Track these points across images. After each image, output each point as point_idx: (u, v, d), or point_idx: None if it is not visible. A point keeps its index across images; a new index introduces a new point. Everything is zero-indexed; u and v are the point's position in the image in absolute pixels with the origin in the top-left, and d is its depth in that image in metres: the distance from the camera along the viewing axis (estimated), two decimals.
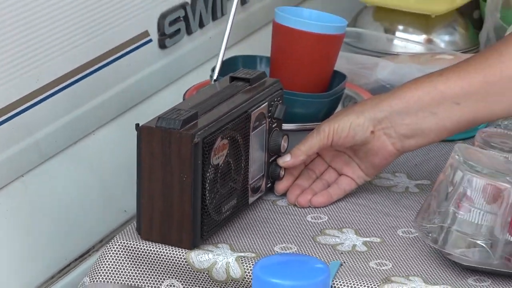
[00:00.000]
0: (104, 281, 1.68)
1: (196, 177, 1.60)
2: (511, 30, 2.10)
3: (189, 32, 2.15)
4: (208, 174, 1.62)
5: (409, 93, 1.80)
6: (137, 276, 1.68)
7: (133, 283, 1.68)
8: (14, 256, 1.75)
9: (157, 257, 1.67)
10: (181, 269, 1.66)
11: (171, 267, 1.67)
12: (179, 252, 1.65)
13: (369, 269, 1.62)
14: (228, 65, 1.92)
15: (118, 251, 1.68)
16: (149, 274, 1.68)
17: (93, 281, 1.68)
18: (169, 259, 1.66)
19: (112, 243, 1.69)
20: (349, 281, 1.58)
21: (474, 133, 1.79)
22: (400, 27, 2.34)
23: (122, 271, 1.68)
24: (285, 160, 1.80)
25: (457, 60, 2.03)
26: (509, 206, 1.60)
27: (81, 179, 1.88)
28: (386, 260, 1.65)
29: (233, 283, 1.63)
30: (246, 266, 1.62)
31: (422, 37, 2.32)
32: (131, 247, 1.67)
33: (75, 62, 1.88)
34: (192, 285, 1.66)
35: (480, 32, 2.31)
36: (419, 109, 1.79)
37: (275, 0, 2.34)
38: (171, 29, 2.11)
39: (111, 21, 1.97)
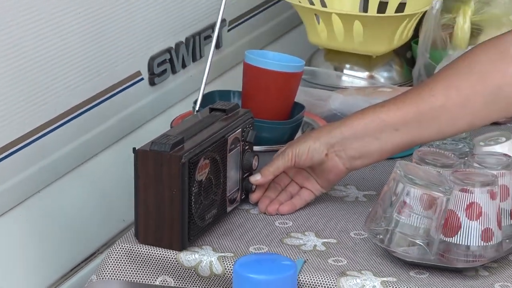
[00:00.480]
0: (108, 278, 1.69)
1: (183, 191, 1.61)
2: (439, 68, 2.11)
3: (173, 71, 2.15)
4: (193, 189, 1.63)
5: (357, 121, 1.82)
6: (135, 273, 1.69)
7: (132, 279, 1.70)
8: (33, 258, 1.76)
9: (152, 257, 1.68)
10: (172, 267, 1.67)
11: (164, 266, 1.68)
12: (170, 253, 1.67)
13: (327, 265, 1.63)
14: (207, 98, 1.93)
15: (120, 253, 1.69)
16: (145, 272, 1.69)
17: (100, 278, 1.69)
18: (162, 259, 1.67)
19: (114, 246, 1.71)
20: (312, 275, 1.60)
21: (412, 152, 1.79)
22: (347, 66, 2.36)
23: (123, 270, 1.69)
24: (256, 178, 1.82)
25: (395, 92, 2.06)
26: (442, 211, 1.62)
27: (87, 193, 1.89)
28: (341, 257, 1.66)
29: (216, 278, 1.64)
30: (226, 264, 1.63)
31: (366, 74, 2.34)
32: (130, 249, 1.69)
33: (83, 97, 1.89)
34: (182, 281, 1.68)
35: (413, 69, 2.33)
36: (365, 135, 1.80)
37: (244, 44, 2.34)
38: (159, 69, 2.11)
39: (110, 63, 1.97)
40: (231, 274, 1.54)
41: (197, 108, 1.87)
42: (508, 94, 1.80)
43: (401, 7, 2.39)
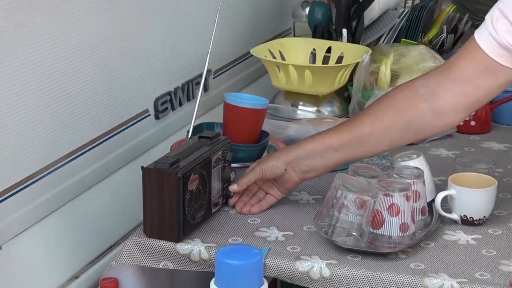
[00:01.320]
0: (124, 263, 1.70)
1: (179, 198, 1.63)
2: (368, 104, 2.12)
3: (173, 108, 2.15)
4: (186, 196, 1.65)
5: (307, 145, 1.83)
6: (144, 259, 1.70)
7: (142, 264, 1.70)
8: (69, 248, 1.76)
9: (156, 247, 1.69)
10: (171, 254, 1.68)
11: (165, 253, 1.69)
12: (169, 244, 1.68)
13: (286, 252, 1.65)
14: (197, 129, 1.93)
15: (132, 244, 1.70)
16: (151, 258, 1.70)
17: (117, 263, 1.69)
18: (164, 248, 1.68)
19: (129, 239, 1.72)
20: (275, 259, 1.62)
21: (348, 166, 1.80)
22: (301, 103, 2.35)
23: (135, 256, 1.70)
24: (234, 187, 1.83)
25: (335, 122, 2.08)
26: (370, 210, 1.63)
27: (108, 200, 1.89)
28: (297, 246, 1.67)
29: (203, 262, 1.65)
30: (211, 252, 1.64)
31: (314, 109, 2.33)
32: (140, 241, 1.70)
33: (105, 128, 1.89)
34: (178, 264, 1.68)
35: (349, 105, 2.33)
36: (313, 155, 1.81)
37: (225, 88, 2.35)
38: (162, 107, 2.10)
39: (126, 103, 1.97)
40: (214, 260, 1.53)
41: (189, 136, 1.87)
42: (418, 124, 1.81)
43: (339, 60, 2.39)
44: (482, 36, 1.75)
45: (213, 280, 1.46)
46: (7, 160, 1.58)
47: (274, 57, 2.36)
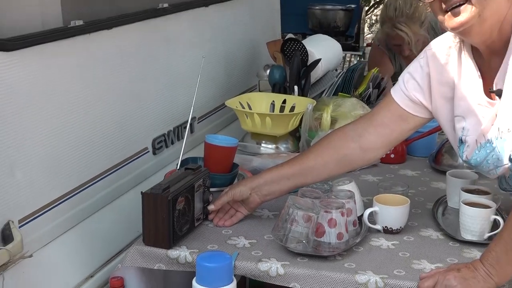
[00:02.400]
0: (128, 265, 1.68)
1: (169, 216, 1.63)
2: (313, 142, 2.13)
3: (166, 146, 2.14)
4: (175, 214, 1.64)
5: (267, 175, 1.83)
6: (143, 262, 1.68)
7: (141, 265, 1.68)
8: (86, 254, 1.74)
9: (152, 253, 1.67)
10: (163, 258, 1.66)
11: (159, 257, 1.67)
12: (162, 250, 1.66)
13: (251, 255, 1.64)
14: (184, 162, 1.91)
15: (134, 250, 1.68)
16: (148, 261, 1.68)
17: (123, 265, 1.68)
18: (158, 254, 1.67)
19: (131, 247, 1.70)
20: (242, 262, 1.61)
21: (298, 190, 1.79)
22: (263, 142, 2.34)
23: (136, 260, 1.68)
24: (211, 207, 1.81)
25: (289, 156, 2.07)
26: (314, 224, 1.63)
27: (116, 217, 1.87)
28: (259, 251, 1.66)
29: (188, 264, 1.64)
30: (194, 256, 1.63)
31: (273, 146, 2.33)
32: (140, 248, 1.68)
33: (113, 162, 1.88)
34: (169, 266, 1.66)
35: (299, 143, 2.33)
36: (271, 182, 1.80)
37: (206, 130, 2.35)
38: (158, 145, 2.09)
39: (129, 142, 1.96)
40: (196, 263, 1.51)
41: (178, 168, 1.87)
42: (350, 158, 1.82)
43: (292, 109, 2.40)
44: (396, 92, 1.78)
45: (194, 278, 1.46)
46: (41, 187, 1.59)
47: (243, 107, 2.36)
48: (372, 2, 8.78)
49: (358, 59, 5.00)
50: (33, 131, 1.54)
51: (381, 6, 9.11)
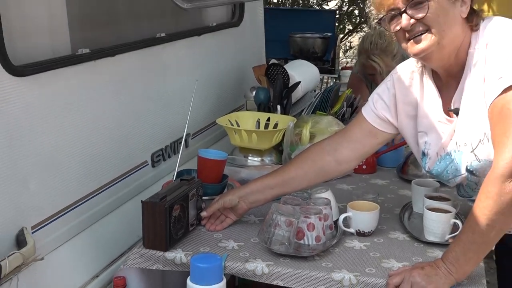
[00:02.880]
0: (129, 266, 1.67)
1: (166, 222, 1.63)
2: (294, 155, 2.13)
3: (164, 160, 2.13)
4: (171, 220, 1.64)
5: (253, 185, 1.83)
6: (143, 263, 1.67)
7: (141, 266, 1.67)
8: (92, 257, 1.74)
9: (151, 254, 1.66)
10: (161, 259, 1.66)
11: (157, 259, 1.66)
12: (160, 252, 1.66)
13: (239, 256, 1.64)
14: (180, 174, 1.91)
15: (135, 253, 1.68)
16: (148, 262, 1.67)
17: (125, 266, 1.67)
18: (156, 255, 1.66)
19: (133, 250, 1.70)
20: (231, 262, 1.61)
21: (281, 198, 1.78)
22: (250, 155, 2.33)
23: (137, 261, 1.67)
24: (204, 214, 1.80)
25: (273, 168, 2.07)
26: (295, 228, 1.62)
27: (119, 222, 1.86)
28: (246, 252, 1.66)
29: (183, 265, 1.63)
30: (188, 257, 1.63)
31: (259, 159, 2.33)
32: (141, 251, 1.68)
33: (116, 174, 1.87)
34: (166, 266, 1.66)
35: (282, 156, 2.33)
36: (257, 192, 1.80)
37: (200, 145, 2.34)
38: (156, 159, 2.09)
39: (132, 156, 1.96)
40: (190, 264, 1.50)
41: (174, 179, 1.86)
42: (326, 170, 1.83)
43: (275, 126, 2.41)
44: (367, 111, 1.79)
45: (189, 277, 1.45)
46: (52, 196, 1.59)
47: (232, 125, 2.36)
48: (346, 31, 8.84)
49: (334, 81, 5.02)
50: (44, 146, 1.54)
51: (354, 34, 9.19)
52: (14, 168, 1.44)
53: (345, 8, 8.45)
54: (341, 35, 8.53)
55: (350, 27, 8.74)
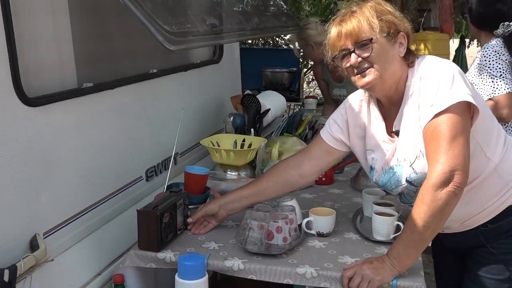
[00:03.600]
0: (127, 265, 1.66)
1: (158, 227, 1.62)
2: (266, 170, 2.11)
3: (156, 175, 2.11)
4: (162, 226, 1.64)
5: (231, 195, 1.82)
6: (138, 262, 1.66)
7: (137, 265, 1.66)
8: (95, 258, 1.72)
9: (145, 255, 1.65)
10: (154, 259, 1.65)
11: (150, 258, 1.65)
12: (153, 253, 1.65)
13: (219, 255, 1.64)
14: (169, 186, 1.89)
15: (132, 254, 1.67)
16: (143, 261, 1.66)
17: (123, 265, 1.66)
18: (150, 256, 1.65)
19: (130, 251, 1.68)
20: (213, 260, 1.60)
21: (254, 206, 1.78)
22: (228, 170, 2.31)
23: (133, 261, 1.66)
24: (190, 220, 1.79)
25: (247, 181, 2.04)
26: (266, 230, 1.63)
27: (119, 227, 1.84)
28: (225, 251, 1.66)
29: (172, 263, 1.62)
30: (176, 257, 1.61)
31: (236, 173, 2.31)
32: (136, 252, 1.66)
33: (115, 187, 1.85)
34: (158, 265, 1.65)
35: (255, 170, 2.32)
36: (234, 201, 1.80)
37: (187, 162, 2.34)
38: (150, 174, 2.07)
39: (129, 172, 1.94)
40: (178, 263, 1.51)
41: (164, 191, 1.86)
42: (291, 182, 1.84)
43: (250, 145, 2.40)
44: (324, 133, 1.81)
45: (177, 274, 1.45)
46: (61, 207, 1.58)
47: (213, 145, 2.35)
48: (309, 66, 8.90)
49: (298, 107, 5.05)
50: (54, 165, 1.53)
51: None
52: (29, 184, 1.44)
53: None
54: (305, 69, 8.58)
55: (312, 63, 8.82)
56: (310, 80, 9.40)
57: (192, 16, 1.61)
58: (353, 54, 1.54)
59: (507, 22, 2.43)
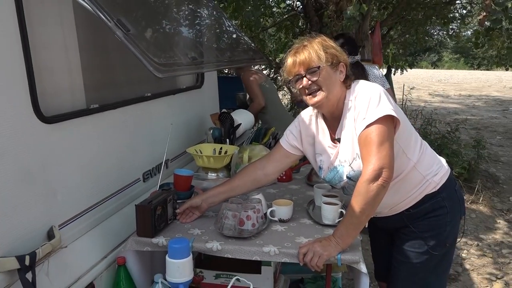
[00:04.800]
0: (128, 249, 1.63)
1: (152, 218, 1.60)
2: (238, 170, 2.11)
3: (151, 177, 2.07)
4: (155, 217, 1.61)
5: (210, 191, 1.80)
6: (137, 246, 1.63)
7: (136, 248, 1.63)
8: (102, 244, 1.67)
9: (142, 240, 1.63)
10: (149, 243, 1.62)
11: (146, 243, 1.62)
12: (148, 239, 1.62)
13: (201, 239, 1.62)
14: (162, 186, 1.88)
15: (131, 240, 1.64)
16: (140, 245, 1.63)
17: (124, 249, 1.63)
18: (146, 241, 1.62)
19: (130, 238, 1.65)
20: (197, 243, 1.59)
21: (229, 200, 1.76)
22: (209, 172, 2.28)
23: (132, 245, 1.63)
24: (178, 211, 1.77)
25: (224, 180, 2.03)
26: (238, 218, 1.61)
27: (120, 220, 1.79)
28: (207, 236, 1.64)
29: (164, 246, 1.60)
30: (167, 241, 1.58)
31: (215, 174, 2.29)
32: (135, 238, 1.64)
33: (115, 188, 1.81)
34: (153, 248, 1.62)
35: (230, 172, 2.31)
36: (213, 196, 1.78)
37: (175, 167, 2.29)
38: (146, 176, 2.03)
39: (129, 174, 1.90)
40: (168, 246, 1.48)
41: (158, 189, 1.83)
42: (258, 181, 1.82)
43: (226, 152, 2.38)
44: (283, 141, 1.81)
45: (167, 254, 1.43)
46: (73, 203, 1.54)
47: (197, 152, 2.33)
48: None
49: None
50: (67, 171, 1.49)
51: (278, 92, 9.29)
52: (46, 187, 1.40)
53: (272, 75, 8.56)
54: None
55: (276, 87, 8.86)
56: None
57: (177, 51, 1.59)
58: (304, 78, 1.55)
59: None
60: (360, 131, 1.48)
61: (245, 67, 3.59)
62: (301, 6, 7.09)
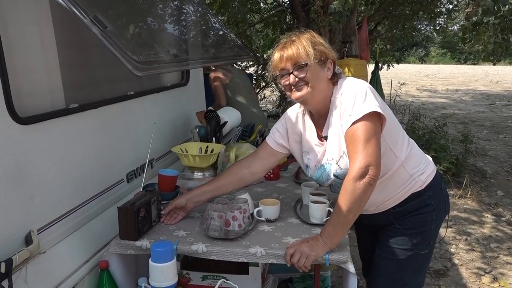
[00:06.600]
0: (110, 253, 1.60)
1: (135, 220, 1.57)
2: (224, 169, 2.09)
3: (135, 177, 2.04)
4: (138, 219, 1.58)
5: (195, 191, 1.78)
6: (120, 249, 1.60)
7: (119, 252, 1.60)
8: (84, 247, 1.63)
9: (125, 243, 1.60)
10: (133, 246, 1.60)
11: (130, 246, 1.60)
12: (132, 242, 1.59)
13: (186, 241, 1.60)
14: (146, 186, 1.85)
15: (114, 243, 1.61)
16: (123, 249, 1.60)
17: (107, 253, 1.60)
18: (129, 244, 1.60)
19: (113, 241, 1.62)
20: (182, 246, 1.56)
21: (215, 200, 1.74)
22: (195, 171, 2.24)
23: (115, 249, 1.60)
24: (162, 212, 1.75)
25: (209, 179, 2.00)
26: (224, 219, 1.58)
27: (104, 222, 1.76)
28: (192, 238, 1.62)
29: (148, 249, 1.57)
30: (151, 244, 1.55)
31: (201, 173, 2.25)
32: (118, 241, 1.60)
33: (100, 188, 1.77)
34: (136, 251, 1.59)
35: (217, 171, 2.29)
36: (198, 195, 1.76)
37: (161, 166, 2.27)
38: (130, 177, 2.00)
39: (113, 175, 1.86)
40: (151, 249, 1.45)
41: (141, 190, 1.80)
42: (244, 179, 1.80)
43: (212, 151, 2.35)
44: (269, 139, 1.80)
45: (150, 258, 1.40)
46: (52, 207, 1.49)
47: (183, 151, 2.30)
48: (261, 86, 8.92)
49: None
50: (44, 173, 1.45)
51: (266, 88, 9.28)
52: (23, 190, 1.36)
53: (259, 72, 8.54)
54: (258, 89, 8.60)
55: (263, 84, 8.84)
56: (262, 98, 9.42)
57: (158, 48, 1.55)
58: (291, 75, 1.53)
59: None
60: (347, 128, 1.46)
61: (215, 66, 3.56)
62: (287, 2, 7.07)
